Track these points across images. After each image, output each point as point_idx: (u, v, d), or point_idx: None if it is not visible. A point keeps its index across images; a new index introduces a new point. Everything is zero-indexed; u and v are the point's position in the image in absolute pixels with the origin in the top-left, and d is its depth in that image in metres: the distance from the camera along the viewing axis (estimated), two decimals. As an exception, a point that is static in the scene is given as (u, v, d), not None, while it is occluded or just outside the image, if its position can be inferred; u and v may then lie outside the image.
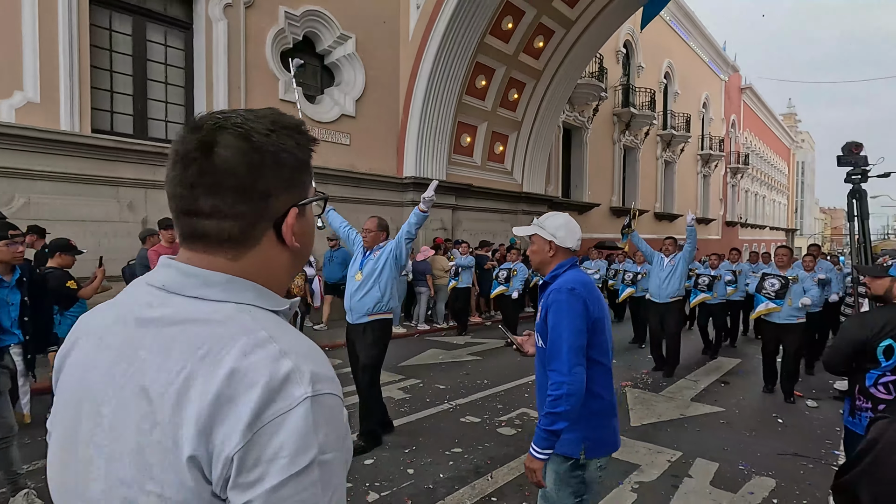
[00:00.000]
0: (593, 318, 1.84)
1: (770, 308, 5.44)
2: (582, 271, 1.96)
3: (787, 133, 44.74)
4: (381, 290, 3.87)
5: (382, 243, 3.97)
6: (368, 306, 3.85)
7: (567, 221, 2.00)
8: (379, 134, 10.67)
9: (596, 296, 1.89)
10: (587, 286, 1.89)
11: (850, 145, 3.03)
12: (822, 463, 3.87)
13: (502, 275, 8.74)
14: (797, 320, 5.42)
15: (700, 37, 25.09)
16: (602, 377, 1.89)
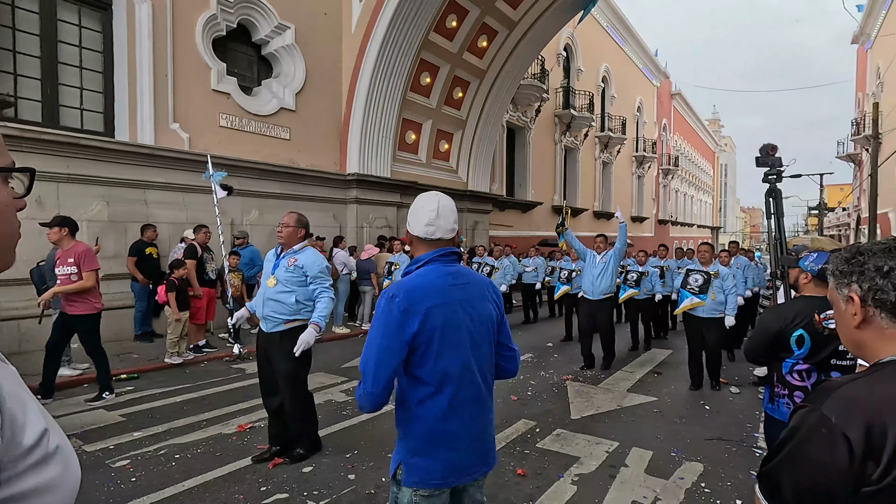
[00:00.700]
0: (412, 332, 1.52)
1: (694, 303, 5.67)
2: (435, 271, 1.61)
3: (711, 137, 48.00)
4: (300, 295, 3.47)
5: (300, 245, 3.52)
6: (285, 314, 3.46)
7: (417, 204, 1.67)
8: (321, 129, 10.35)
9: (428, 306, 1.54)
10: (414, 293, 1.55)
11: (767, 147, 3.25)
12: (744, 446, 4.13)
13: (387, 269, 8.63)
14: (719, 314, 5.69)
15: (634, 44, 26.33)
16: (432, 401, 1.56)
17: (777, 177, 3.19)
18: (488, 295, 1.72)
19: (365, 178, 10.68)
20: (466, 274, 1.69)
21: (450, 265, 1.65)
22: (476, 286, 1.68)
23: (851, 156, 27.22)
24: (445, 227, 1.64)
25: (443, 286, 1.59)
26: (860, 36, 25.36)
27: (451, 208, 1.67)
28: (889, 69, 19.31)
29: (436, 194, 1.67)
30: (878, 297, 0.99)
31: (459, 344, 1.59)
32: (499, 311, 1.74)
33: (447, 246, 1.66)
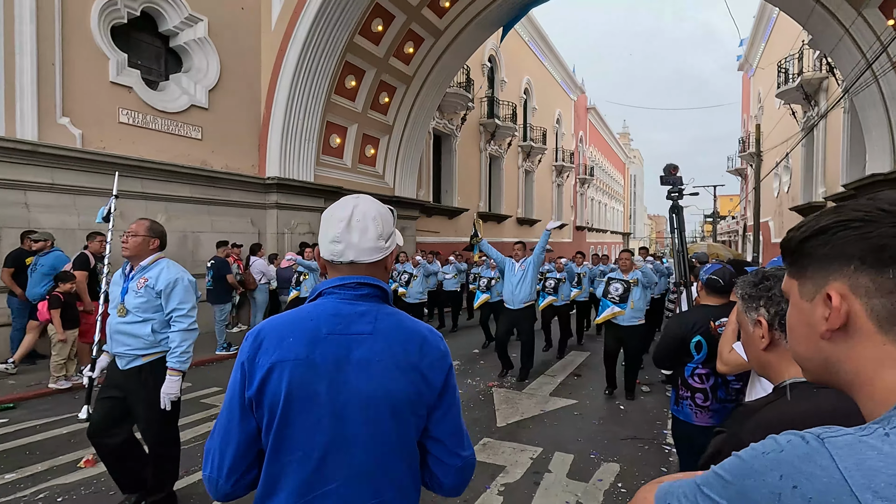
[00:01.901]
0: (250, 395, 1.05)
1: (615, 312, 5.70)
2: (320, 309, 1.11)
3: (622, 150, 51.66)
4: (157, 323, 2.80)
5: (150, 259, 2.83)
6: (140, 348, 2.78)
7: (326, 213, 1.17)
8: (237, 129, 9.76)
9: (273, 360, 1.05)
10: (269, 336, 1.08)
11: (669, 167, 3.52)
12: (655, 443, 4.42)
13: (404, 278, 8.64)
14: (638, 322, 5.74)
15: (554, 59, 27.68)
16: (287, 481, 1.05)
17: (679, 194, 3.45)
18: (405, 360, 1.08)
19: (286, 182, 10.22)
20: (374, 321, 1.10)
21: (352, 303, 1.11)
22: (381, 342, 1.08)
23: (739, 170, 30.49)
24: (361, 244, 1.11)
25: (314, 333, 1.07)
26: (745, 64, 28.54)
27: (373, 218, 1.13)
28: (768, 95, 21.90)
29: (354, 199, 1.17)
30: (784, 322, 1.06)
31: (312, 431, 1.04)
32: (429, 387, 1.09)
33: (363, 274, 1.13)
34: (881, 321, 0.53)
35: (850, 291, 0.54)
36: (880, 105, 9.83)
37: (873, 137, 10.28)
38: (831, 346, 0.56)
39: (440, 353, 1.13)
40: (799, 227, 0.62)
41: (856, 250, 0.54)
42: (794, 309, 0.62)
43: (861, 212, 0.55)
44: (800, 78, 15.71)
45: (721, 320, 2.77)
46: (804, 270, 0.59)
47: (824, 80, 14.93)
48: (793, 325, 0.63)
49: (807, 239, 0.59)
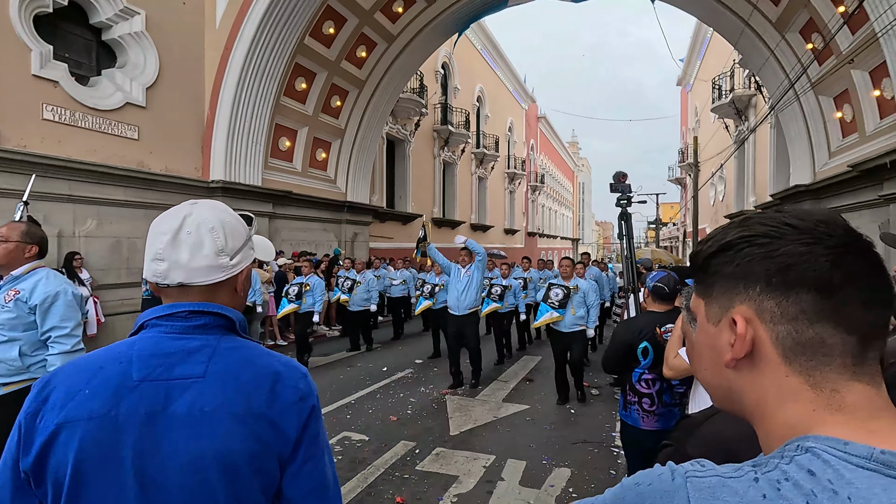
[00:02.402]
0: (26, 466, 0.82)
1: (553, 317, 5.67)
2: (134, 348, 0.88)
3: (571, 158, 53.38)
4: (26, 344, 2.36)
5: (24, 269, 2.39)
6: (3, 374, 2.35)
7: (151, 226, 0.95)
8: (178, 129, 9.26)
9: (58, 421, 0.81)
10: (59, 387, 0.85)
11: (619, 175, 3.63)
12: (604, 446, 4.52)
13: (292, 291, 7.49)
14: (579, 327, 5.74)
15: (506, 68, 28.24)
16: None
17: (627, 202, 3.57)
18: (246, 407, 0.85)
19: (231, 185, 9.79)
20: (208, 360, 0.87)
21: (180, 338, 0.88)
22: (215, 386, 0.85)
23: (679, 179, 32.22)
24: (193, 263, 0.89)
25: (121, 381, 0.84)
26: (683, 80, 30.26)
27: (211, 229, 0.91)
28: (704, 110, 23.29)
29: (189, 205, 0.95)
30: None
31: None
32: (280, 437, 0.87)
33: (199, 300, 0.91)
34: (786, 350, 0.48)
35: (755, 316, 0.49)
36: (801, 121, 10.65)
37: (796, 151, 11.12)
38: (735, 375, 0.52)
39: (297, 395, 0.90)
40: (706, 240, 0.56)
41: (761, 270, 0.49)
42: (700, 331, 0.57)
43: (767, 226, 0.50)
44: (731, 94, 16.81)
45: (667, 326, 2.86)
46: (710, 289, 0.54)
47: (753, 97, 16.04)
48: (699, 349, 0.58)
49: (713, 255, 0.53)
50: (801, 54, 9.90)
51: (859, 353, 0.47)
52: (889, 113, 8.00)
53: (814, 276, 0.47)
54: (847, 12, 8.00)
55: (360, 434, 4.66)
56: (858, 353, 0.47)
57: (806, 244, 0.47)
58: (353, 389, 6.21)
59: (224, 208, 0.99)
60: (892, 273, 2.22)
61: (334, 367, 7.54)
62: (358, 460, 4.07)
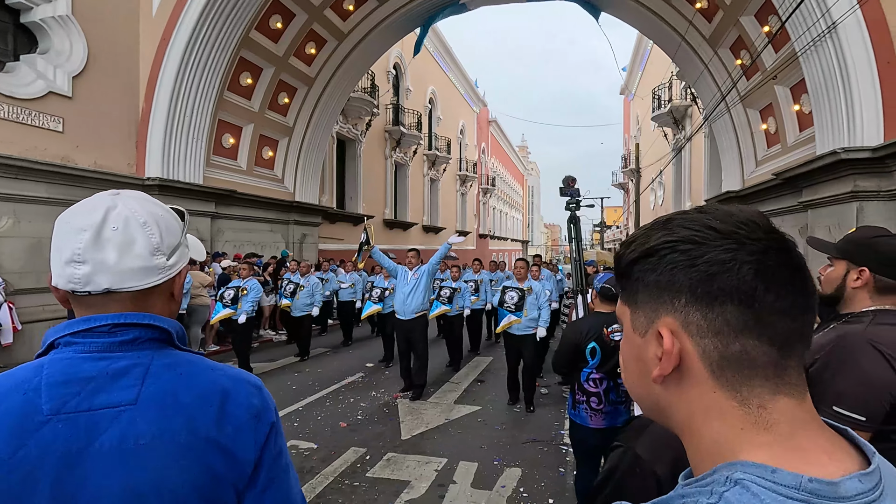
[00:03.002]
0: None
1: (512, 321, 5.62)
2: (44, 372, 0.73)
3: (521, 162, 54.54)
4: None
5: None
6: None
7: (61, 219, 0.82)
8: (110, 122, 8.65)
9: None
10: None
11: (568, 179, 3.73)
12: (553, 444, 4.61)
13: (228, 295, 6.88)
14: (532, 330, 5.67)
15: (457, 71, 28.45)
16: None
17: (576, 205, 3.66)
18: (190, 435, 0.74)
19: (170, 183, 9.25)
20: (140, 382, 0.74)
21: (102, 358, 0.74)
22: (151, 413, 0.73)
23: (622, 184, 33.66)
24: (122, 264, 0.75)
25: (25, 414, 0.70)
26: (626, 89, 31.67)
27: (143, 223, 0.78)
28: (645, 118, 24.48)
29: (110, 196, 0.81)
30: None
31: None
32: (235, 465, 0.76)
33: (128, 310, 0.77)
34: (713, 365, 0.45)
35: (681, 329, 0.46)
36: (732, 132, 11.40)
37: (727, 160, 11.89)
38: (663, 390, 0.49)
39: (252, 413, 0.79)
40: (629, 243, 0.53)
41: (685, 280, 0.46)
42: (626, 340, 0.54)
43: (689, 230, 0.47)
44: (670, 105, 17.76)
45: (613, 327, 2.96)
46: (635, 297, 0.51)
47: (689, 107, 17.02)
48: (626, 360, 0.54)
49: (635, 261, 0.50)
50: (731, 69, 10.60)
51: (782, 363, 0.45)
52: (807, 126, 8.69)
53: (737, 286, 0.44)
54: (771, 32, 8.64)
55: (308, 442, 4.51)
56: (781, 363, 0.45)
57: (728, 250, 0.45)
58: (301, 396, 6.02)
59: (153, 201, 0.86)
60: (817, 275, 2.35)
61: (281, 373, 7.28)
62: (305, 470, 3.94)
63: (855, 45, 6.66)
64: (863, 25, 6.59)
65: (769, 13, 8.56)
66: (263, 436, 0.80)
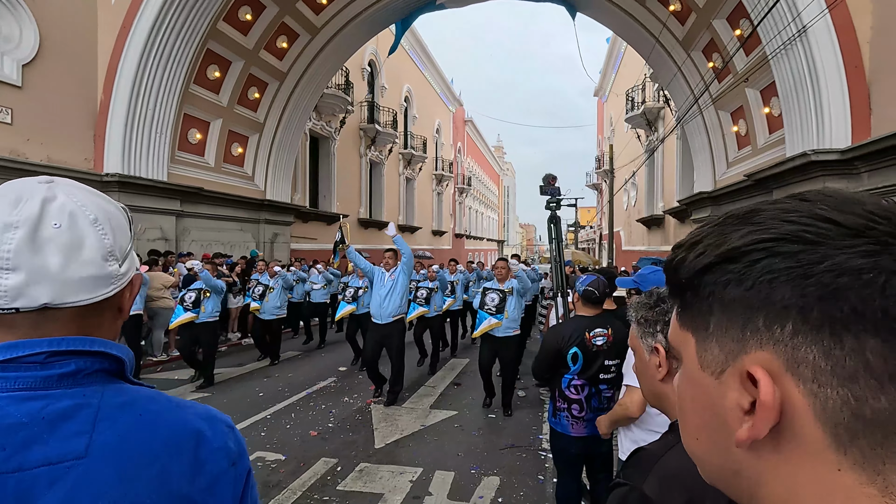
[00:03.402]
0: None
1: (492, 324, 5.40)
2: None
3: (497, 162, 54.74)
4: None
5: None
6: None
7: None
8: (64, 115, 8.17)
9: None
10: None
11: (548, 177, 3.61)
12: (532, 450, 4.49)
13: (189, 297, 6.42)
14: (513, 332, 5.50)
15: (433, 70, 28.28)
16: None
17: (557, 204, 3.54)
18: (160, 491, 0.58)
19: (130, 179, 8.80)
20: (90, 428, 0.57)
21: (35, 397, 0.57)
22: (107, 470, 0.56)
23: (595, 185, 34.08)
24: (68, 272, 0.58)
25: None
26: (599, 91, 32.08)
27: (93, 221, 0.62)
28: (618, 120, 24.82)
29: (39, 186, 0.62)
30: None
31: None
32: None
33: (68, 333, 0.60)
34: (837, 428, 0.30)
35: (785, 370, 0.31)
36: (704, 134, 11.58)
37: (699, 161, 12.08)
38: (750, 457, 0.34)
39: (229, 459, 0.66)
40: (694, 243, 0.37)
41: (793, 297, 0.31)
42: (688, 379, 0.39)
43: (796, 224, 0.32)
44: (643, 106, 17.99)
45: (596, 331, 2.84)
46: (705, 321, 0.36)
47: (662, 109, 17.27)
48: (685, 404, 0.40)
49: (709, 268, 0.35)
50: (703, 72, 10.75)
51: None
52: (776, 128, 8.86)
53: (885, 309, 0.29)
54: (742, 36, 8.77)
55: (276, 453, 4.27)
56: None
57: (865, 254, 0.30)
58: (270, 403, 5.75)
59: (96, 192, 0.67)
60: None
61: (250, 378, 6.98)
62: (272, 484, 3.71)
63: (824, 49, 6.78)
64: (832, 30, 6.72)
65: (741, 17, 8.69)
66: (241, 487, 0.67)
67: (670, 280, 0.39)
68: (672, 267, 0.38)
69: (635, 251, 20.92)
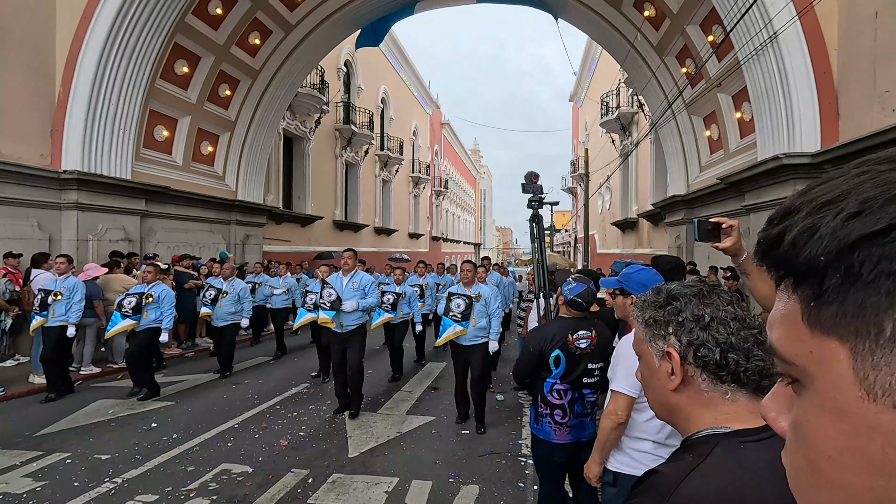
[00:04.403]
0: None
1: (457, 332, 4.97)
2: None
3: (473, 165, 54.86)
4: None
5: None
6: None
7: None
8: (18, 109, 7.71)
9: None
10: None
11: (530, 175, 3.51)
12: (511, 456, 4.37)
13: (128, 303, 5.95)
14: (481, 339, 5.04)
15: (410, 72, 28.13)
16: None
17: (539, 203, 3.45)
18: None
19: (91, 177, 8.36)
20: None
21: None
22: None
23: (570, 189, 34.46)
24: None
25: None
26: (574, 95, 32.47)
27: None
28: (593, 124, 25.14)
29: None
30: (699, 354, 0.84)
31: None
32: None
33: None
34: None
35: None
36: (677, 138, 11.75)
37: (672, 165, 12.25)
38: None
39: None
40: (827, 200, 0.26)
41: None
42: (828, 410, 0.27)
43: None
44: (617, 111, 18.23)
45: (579, 333, 2.74)
46: (876, 318, 0.24)
47: (636, 114, 17.54)
48: (820, 445, 0.27)
49: (881, 234, 0.23)
50: (677, 77, 10.91)
51: None
52: (748, 133, 9.03)
53: None
54: (715, 42, 8.92)
55: (243, 465, 4.04)
56: None
57: None
58: (237, 411, 5.48)
59: None
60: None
61: (216, 385, 6.67)
62: (238, 498, 3.48)
63: (794, 55, 6.92)
64: (801, 36, 6.87)
65: (714, 23, 8.83)
66: None
67: (781, 263, 0.27)
68: (785, 243, 0.26)
69: (610, 254, 21.17)
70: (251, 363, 8.04)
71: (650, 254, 15.38)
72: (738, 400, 0.82)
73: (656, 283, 2.26)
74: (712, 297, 0.88)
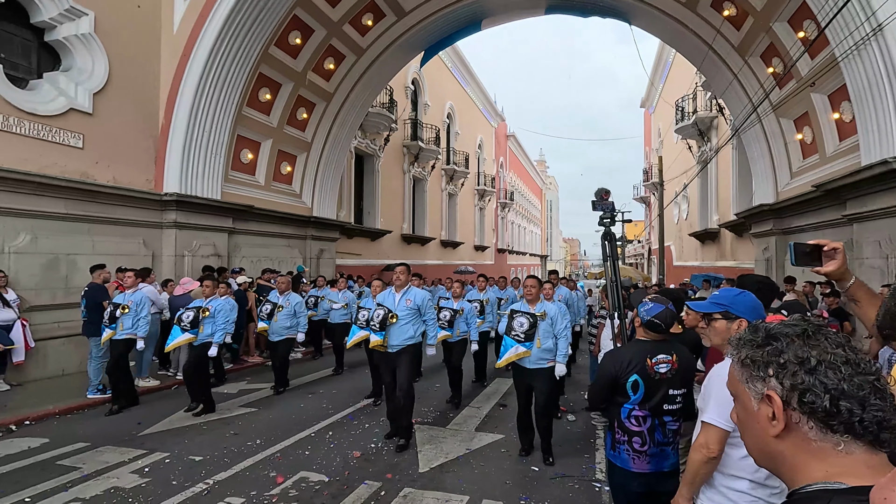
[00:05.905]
0: None
1: (520, 353, 4.53)
2: None
3: (539, 176, 54.14)
4: None
5: None
6: None
7: None
8: (129, 138, 8.67)
9: None
10: None
11: (601, 192, 3.41)
12: (584, 480, 4.20)
13: (186, 317, 6.01)
14: (547, 363, 4.56)
15: (475, 86, 28.45)
16: None
17: (611, 220, 3.34)
18: None
19: (187, 199, 9.21)
20: None
21: None
22: None
23: (643, 198, 32.98)
24: None
25: None
26: (646, 101, 31.20)
27: None
28: (668, 131, 23.99)
29: None
30: (805, 400, 0.77)
31: None
32: None
33: None
34: None
35: None
36: (763, 143, 10.91)
37: (758, 171, 11.38)
38: None
39: None
40: None
41: None
42: None
43: None
44: (694, 116, 17.28)
45: (658, 357, 2.61)
46: None
47: (715, 118, 16.52)
48: None
49: None
50: (762, 78, 10.17)
51: None
52: (848, 135, 8.21)
53: None
54: (807, 38, 8.23)
55: (320, 474, 4.21)
56: None
57: None
58: (313, 420, 5.73)
59: None
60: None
61: (292, 395, 7.01)
62: (315, 506, 3.63)
63: (903, 48, 6.23)
64: (912, 27, 6.17)
65: (805, 18, 8.17)
66: None
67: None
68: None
69: (688, 266, 19.95)
70: (321, 374, 8.36)
71: (734, 267, 14.30)
72: (852, 452, 0.73)
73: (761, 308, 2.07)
74: (818, 339, 0.80)
